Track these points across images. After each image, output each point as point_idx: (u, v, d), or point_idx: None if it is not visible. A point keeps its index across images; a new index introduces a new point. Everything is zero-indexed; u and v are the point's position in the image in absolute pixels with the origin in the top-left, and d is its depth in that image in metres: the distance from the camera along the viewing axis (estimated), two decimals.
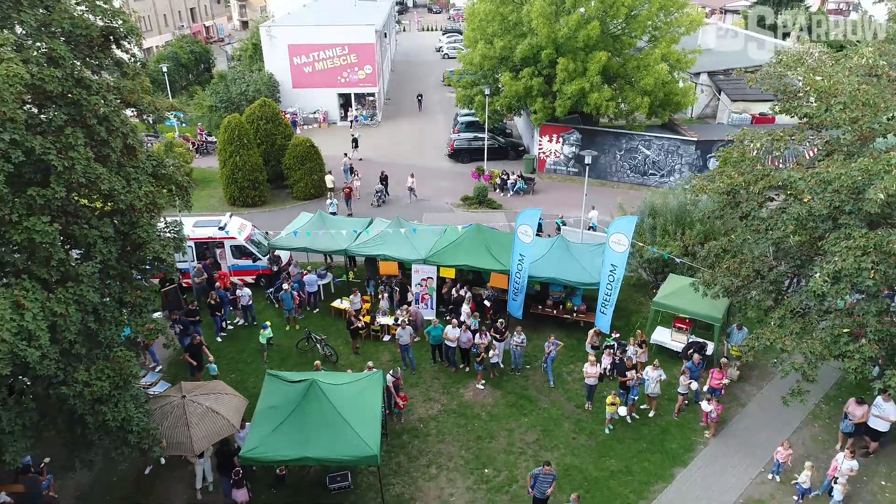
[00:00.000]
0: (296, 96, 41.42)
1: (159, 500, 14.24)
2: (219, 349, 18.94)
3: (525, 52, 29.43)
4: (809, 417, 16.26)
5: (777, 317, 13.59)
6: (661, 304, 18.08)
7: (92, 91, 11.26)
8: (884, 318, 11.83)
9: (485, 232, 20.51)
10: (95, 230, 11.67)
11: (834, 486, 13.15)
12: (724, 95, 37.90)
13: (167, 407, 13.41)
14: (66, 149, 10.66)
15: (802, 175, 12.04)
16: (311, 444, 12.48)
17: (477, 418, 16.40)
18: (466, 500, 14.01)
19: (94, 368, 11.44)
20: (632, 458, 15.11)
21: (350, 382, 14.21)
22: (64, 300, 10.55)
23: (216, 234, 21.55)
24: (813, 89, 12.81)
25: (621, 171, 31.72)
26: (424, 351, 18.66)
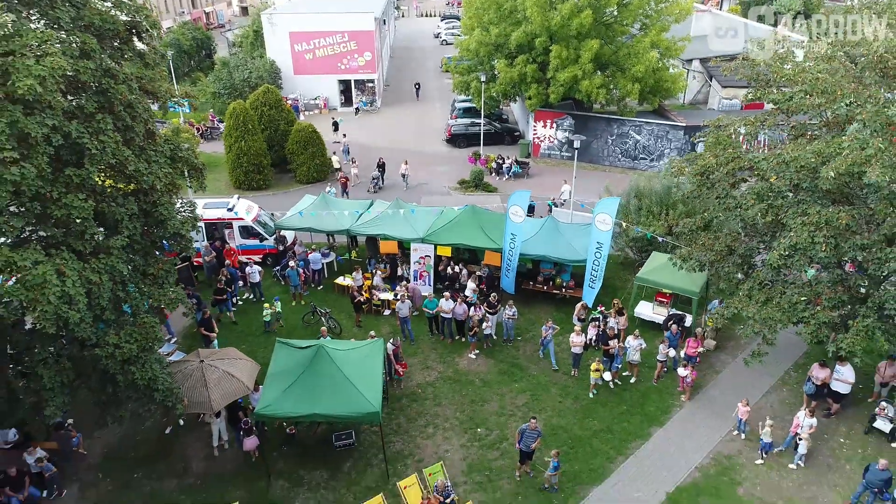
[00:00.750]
0: (297, 83, 42.32)
1: (180, 457, 15.55)
2: (229, 323, 20.19)
3: (520, 40, 30.37)
4: (778, 383, 17.58)
5: (746, 288, 14.84)
6: (644, 279, 19.32)
7: (118, 80, 12.38)
8: (838, 287, 13.06)
9: (479, 213, 21.69)
10: (122, 208, 12.87)
11: (798, 443, 14.47)
12: (714, 82, 38.86)
13: (187, 370, 14.68)
14: (97, 133, 11.81)
15: (766, 157, 13.21)
16: (319, 403, 13.75)
17: (471, 384, 17.70)
18: (460, 455, 15.34)
19: (122, 332, 12.68)
20: (613, 420, 16.42)
21: (354, 349, 15.48)
22: (97, 270, 11.76)
23: (225, 215, 22.72)
24: (779, 77, 13.93)
25: (613, 155, 32.82)
26: (422, 324, 19.92)
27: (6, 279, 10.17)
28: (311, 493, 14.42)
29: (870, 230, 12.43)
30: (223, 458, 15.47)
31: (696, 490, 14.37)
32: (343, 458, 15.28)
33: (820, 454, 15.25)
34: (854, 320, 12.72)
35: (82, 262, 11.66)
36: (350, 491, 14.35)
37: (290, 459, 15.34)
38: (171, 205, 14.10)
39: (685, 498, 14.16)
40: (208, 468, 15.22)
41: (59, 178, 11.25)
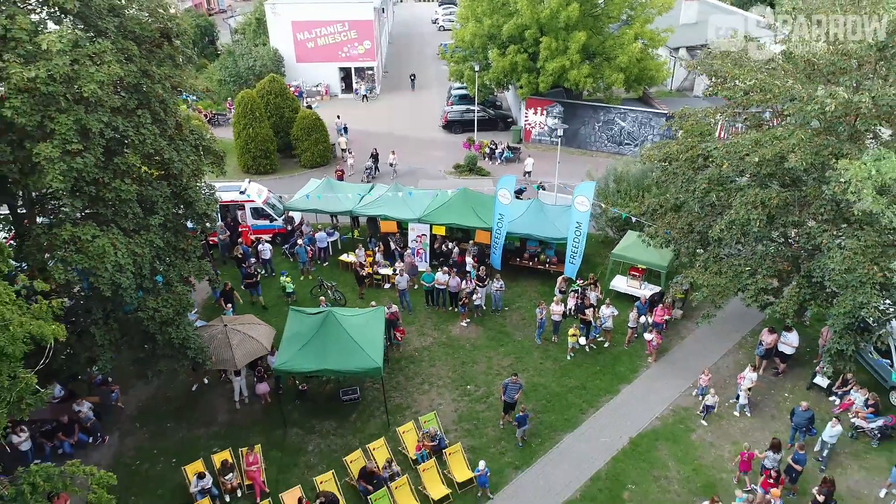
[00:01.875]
0: (299, 70, 43.99)
1: (205, 410, 17.73)
2: (244, 295, 22.22)
3: (511, 31, 32.08)
4: (735, 347, 19.75)
5: (702, 261, 16.93)
6: (619, 255, 21.41)
7: (154, 80, 14.30)
8: (776, 259, 15.16)
9: (471, 195, 23.69)
10: (157, 191, 14.88)
11: (739, 393, 16.68)
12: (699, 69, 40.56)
13: (213, 333, 16.81)
14: (138, 126, 13.78)
15: (717, 146, 15.22)
16: (329, 360, 15.89)
17: (462, 349, 19.86)
18: (452, 408, 17.53)
19: (160, 298, 14.78)
20: (587, 378, 18.60)
21: (358, 315, 17.59)
22: (140, 244, 13.82)
23: (238, 197, 24.69)
24: (730, 76, 15.84)
25: (599, 141, 34.72)
26: (420, 296, 22.01)
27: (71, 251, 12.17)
28: (322, 440, 16.62)
29: (801, 210, 14.47)
30: (244, 411, 17.65)
31: (655, 435, 16.59)
32: (349, 411, 17.47)
33: (766, 406, 17.47)
34: (788, 288, 14.83)
35: (127, 237, 13.71)
36: (356, 437, 16.55)
37: (303, 412, 17.52)
38: (198, 188, 16.11)
39: (645, 441, 16.39)
40: (231, 419, 17.41)
41: (108, 165, 13.24)
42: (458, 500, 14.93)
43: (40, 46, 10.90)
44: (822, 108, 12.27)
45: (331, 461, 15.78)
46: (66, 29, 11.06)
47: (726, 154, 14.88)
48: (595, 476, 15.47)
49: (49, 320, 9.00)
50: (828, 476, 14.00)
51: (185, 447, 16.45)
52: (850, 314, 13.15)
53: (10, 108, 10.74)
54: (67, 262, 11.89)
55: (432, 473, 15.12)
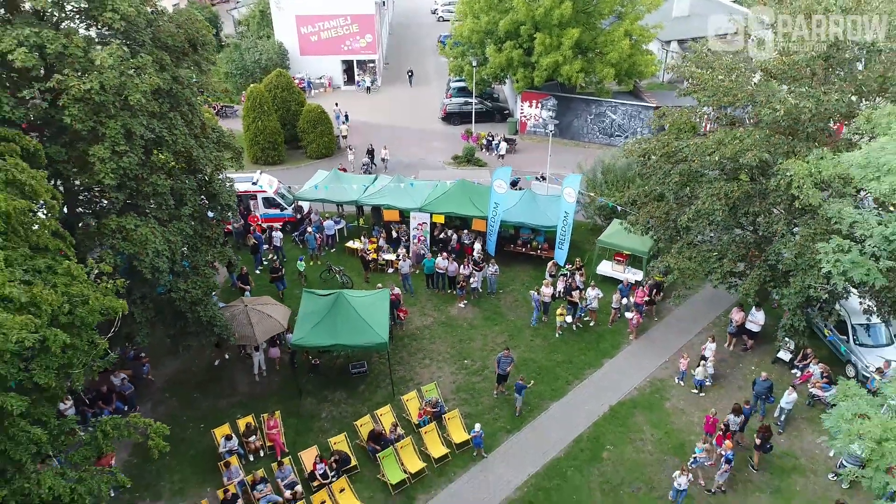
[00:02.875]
0: (303, 63, 45.43)
1: (228, 382, 19.60)
2: (257, 279, 24.04)
3: (507, 28, 33.57)
4: (710, 325, 21.60)
5: (676, 247, 18.71)
6: (605, 242, 23.19)
7: (184, 86, 15.99)
8: (740, 245, 16.96)
9: (468, 186, 25.42)
10: (186, 185, 16.62)
11: (705, 364, 18.55)
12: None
13: (235, 312, 18.63)
14: (170, 128, 15.50)
15: (688, 144, 16.94)
16: (340, 335, 17.71)
17: (460, 327, 21.70)
18: (451, 380, 19.42)
19: (189, 281, 16.58)
20: (573, 354, 20.47)
21: (365, 296, 19.40)
22: (173, 232, 15.59)
23: (250, 188, 26.40)
24: (699, 81, 17.52)
25: (591, 132, 36.35)
26: (421, 280, 23.81)
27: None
28: (334, 407, 18.52)
29: (762, 201, 16.22)
30: (263, 383, 19.52)
31: (633, 404, 18.49)
32: (358, 382, 19.34)
33: (734, 378, 19.36)
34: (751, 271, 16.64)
35: (162, 226, 15.48)
36: (364, 405, 18.44)
37: (316, 383, 19.39)
38: (221, 181, 17.85)
39: (624, 409, 18.29)
40: (252, 390, 19.29)
41: (146, 162, 14.97)
42: (456, 459, 16.85)
43: (93, 62, 12.57)
44: (773, 112, 13.98)
45: (342, 426, 17.67)
46: (115, 46, 12.70)
47: (695, 151, 16.62)
48: (578, 438, 17.39)
49: (114, 296, 10.79)
50: (764, 423, 16.04)
51: (211, 415, 18.31)
52: (801, 294, 14.96)
53: (69, 115, 12.45)
54: (116, 248, 13.65)
55: (433, 436, 17.02)
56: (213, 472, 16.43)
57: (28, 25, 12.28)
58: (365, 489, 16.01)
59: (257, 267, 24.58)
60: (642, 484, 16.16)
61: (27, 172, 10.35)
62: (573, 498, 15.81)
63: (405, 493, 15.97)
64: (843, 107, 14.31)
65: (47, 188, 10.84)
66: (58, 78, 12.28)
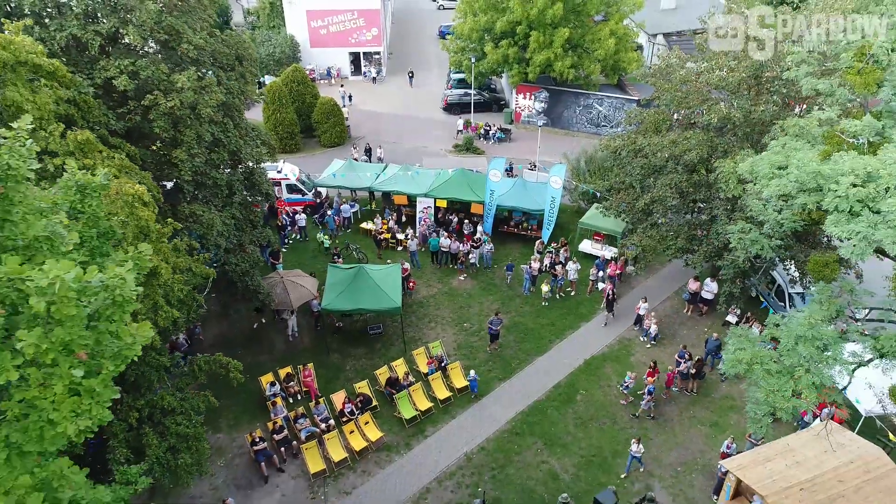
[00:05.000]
0: (313, 55, 48.59)
1: (266, 342, 23.38)
2: (284, 256, 27.72)
3: (503, 27, 36.79)
4: (673, 294, 25.38)
5: (641, 228, 22.39)
6: (585, 223, 26.86)
7: (234, 95, 19.49)
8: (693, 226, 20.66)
9: (467, 174, 29.02)
10: (235, 177, 20.20)
11: (651, 325, 22.35)
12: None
13: (272, 282, 22.34)
14: (225, 131, 19.04)
15: (649, 142, 20.52)
16: (361, 301, 21.43)
17: (460, 296, 25.46)
18: (452, 339, 23.23)
19: (238, 256, 20.25)
20: (556, 318, 24.26)
21: (381, 269, 23.11)
22: (227, 217, 19.22)
23: (275, 175, 29.93)
24: (663, 90, 21.01)
25: (580, 122, 39.78)
26: (427, 256, 27.50)
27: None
28: (356, 361, 22.35)
29: (707, 190, 19.87)
30: (296, 343, 23.31)
31: (604, 357, 22.34)
32: (375, 341, 23.16)
33: (689, 338, 23.16)
34: (699, 247, 20.38)
35: (219, 211, 19.11)
36: (381, 359, 22.25)
37: (340, 342, 23.20)
38: (261, 172, 21.43)
39: (596, 361, 22.14)
40: (287, 349, 23.09)
41: (208, 160, 18.55)
42: (458, 401, 20.73)
43: (174, 84, 16.07)
44: (710, 119, 17.54)
45: (364, 374, 21.52)
46: (191, 72, 16.19)
47: (653, 149, 20.22)
48: (557, 385, 21.25)
49: (204, 266, 14.48)
50: (699, 358, 20.15)
51: (255, 367, 22.03)
52: (734, 265, 18.68)
53: (157, 126, 16.00)
54: (191, 230, 17.29)
55: (438, 382, 20.87)
56: (261, 411, 20.30)
57: (125, 56, 15.77)
58: (384, 423, 19.90)
59: (283, 245, 28.24)
60: (607, 419, 20.06)
61: (136, 171, 13.95)
62: (551, 429, 19.70)
63: (417, 426, 19.86)
64: (768, 115, 17.83)
65: (151, 184, 14.43)
66: (149, 98, 15.79)
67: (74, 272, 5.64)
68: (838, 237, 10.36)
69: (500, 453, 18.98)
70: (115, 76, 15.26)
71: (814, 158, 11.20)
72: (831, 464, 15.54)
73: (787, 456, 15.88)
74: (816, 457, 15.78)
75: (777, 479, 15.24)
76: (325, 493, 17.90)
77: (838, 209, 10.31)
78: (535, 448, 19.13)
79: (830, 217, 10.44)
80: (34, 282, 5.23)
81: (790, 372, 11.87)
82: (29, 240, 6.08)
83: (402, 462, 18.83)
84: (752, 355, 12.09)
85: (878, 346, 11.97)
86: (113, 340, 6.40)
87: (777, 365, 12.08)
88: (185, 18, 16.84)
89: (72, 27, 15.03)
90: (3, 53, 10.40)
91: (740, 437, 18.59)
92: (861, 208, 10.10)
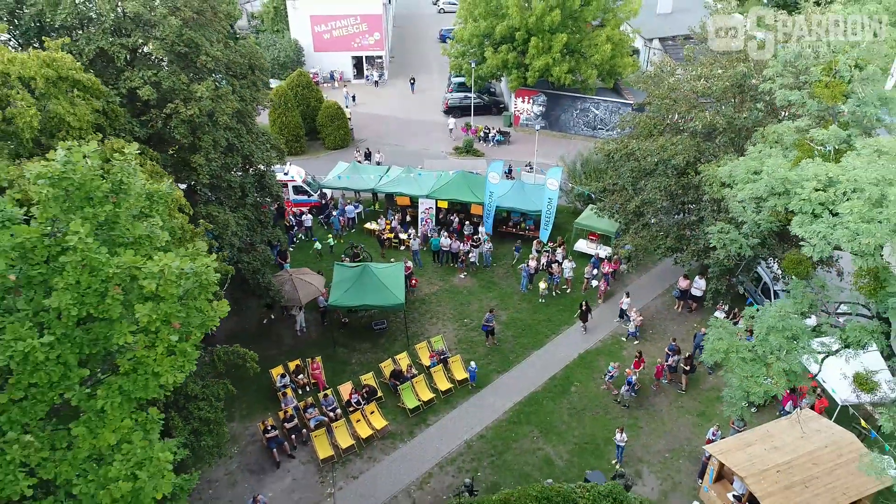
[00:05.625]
0: (317, 59, 49.70)
1: (276, 336, 24.49)
2: (291, 255, 28.83)
3: (503, 33, 37.90)
4: (664, 292, 26.49)
5: (633, 228, 23.50)
6: (580, 223, 27.97)
7: (247, 102, 20.62)
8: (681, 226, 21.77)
9: (467, 176, 30.13)
10: (247, 180, 21.32)
11: (630, 319, 23.46)
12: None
13: (282, 280, 23.45)
14: (239, 136, 20.15)
15: (640, 146, 21.64)
16: (367, 297, 22.54)
17: (460, 294, 26.58)
18: (453, 334, 24.34)
19: (249, 255, 21.36)
20: (553, 314, 25.37)
21: (385, 267, 24.23)
22: (240, 217, 20.34)
23: (282, 177, 31.03)
24: (654, 96, 22.13)
25: (577, 125, 40.89)
26: (428, 255, 28.61)
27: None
28: (362, 355, 23.46)
29: (694, 192, 20.99)
30: (303, 337, 24.43)
31: (598, 352, 23.45)
32: (379, 336, 24.27)
33: (679, 333, 24.25)
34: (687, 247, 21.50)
35: (233, 212, 20.23)
36: (385, 353, 23.36)
37: (346, 337, 24.31)
38: (272, 175, 22.55)
39: (590, 355, 23.26)
40: (295, 343, 24.21)
41: (223, 164, 19.66)
42: (458, 392, 21.84)
43: (193, 94, 17.18)
44: (695, 125, 18.66)
45: (369, 367, 22.63)
46: (209, 82, 17.31)
47: (643, 152, 21.34)
48: (552, 377, 22.37)
49: (224, 264, 15.59)
50: (690, 354, 21.15)
51: (266, 360, 22.99)
52: (720, 264, 19.79)
53: (178, 133, 17.11)
54: (207, 229, 18.39)
55: (440, 374, 21.99)
56: (271, 402, 21.42)
57: (148, 67, 16.89)
58: (389, 413, 21.01)
59: (290, 244, 29.35)
60: (600, 409, 21.17)
61: (166, 176, 15.06)
62: (547, 419, 20.82)
63: (419, 416, 20.97)
64: (751, 122, 18.92)
65: (174, 187, 15.53)
66: (170, 106, 16.91)
67: (178, 262, 7.65)
68: (802, 237, 11.46)
69: (498, 441, 20.10)
70: (139, 86, 16.38)
71: (783, 165, 12.32)
72: (807, 448, 16.67)
73: (767, 441, 17.00)
74: (793, 442, 16.91)
75: (756, 462, 16.37)
76: (334, 478, 19.01)
77: (803, 211, 11.43)
78: (532, 436, 20.24)
79: (796, 218, 11.56)
80: (147, 268, 6.73)
81: (763, 360, 12.98)
82: (134, 237, 7.81)
83: (405, 449, 19.94)
84: (729, 345, 13.21)
85: (844, 336, 13.09)
86: (198, 314, 8.43)
87: (751, 353, 13.20)
88: (203, 31, 17.95)
89: (99, 41, 16.15)
90: (48, 70, 11.51)
91: (725, 425, 19.70)
92: (822, 211, 11.22)
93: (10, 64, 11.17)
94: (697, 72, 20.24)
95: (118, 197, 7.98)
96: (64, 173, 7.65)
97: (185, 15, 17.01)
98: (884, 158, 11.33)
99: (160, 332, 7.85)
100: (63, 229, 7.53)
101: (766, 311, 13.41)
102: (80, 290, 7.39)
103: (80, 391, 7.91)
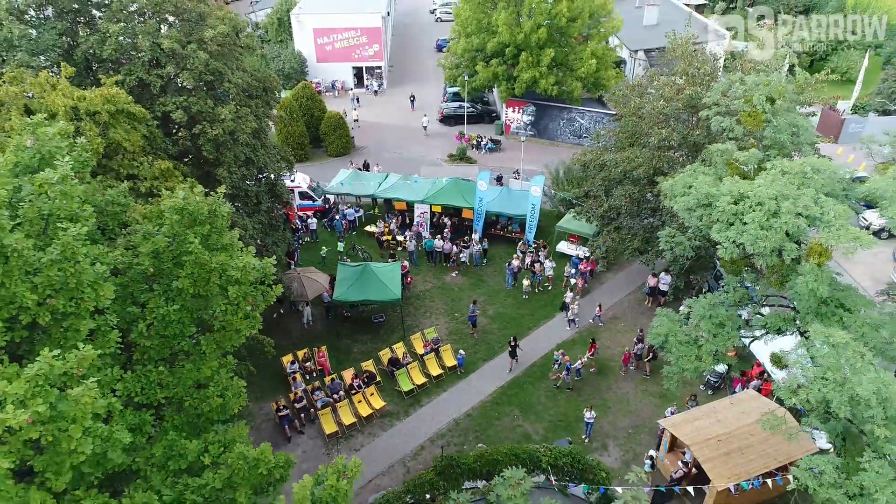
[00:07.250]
0: (320, 69, 52.47)
1: (285, 328, 27.21)
2: (298, 255, 31.55)
3: (493, 48, 40.63)
4: (636, 289, 29.26)
5: (606, 231, 26.25)
6: (562, 226, 30.74)
7: (262, 121, 23.34)
8: (647, 229, 24.55)
9: (459, 183, 32.91)
10: (261, 188, 24.05)
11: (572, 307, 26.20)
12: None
13: (291, 277, 26.19)
14: (254, 150, 22.88)
15: (613, 157, 24.39)
16: (368, 293, 25.28)
17: (452, 290, 29.33)
18: (445, 327, 27.09)
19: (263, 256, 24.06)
20: (535, 309, 28.13)
21: (384, 266, 26.98)
22: (255, 222, 23.07)
23: (289, 184, 33.75)
24: (623, 112, 24.87)
25: (564, 134, 43.65)
26: (423, 256, 31.34)
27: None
28: (363, 345, 26.22)
29: (654, 199, 23.74)
30: (311, 330, 27.17)
31: (573, 342, 26.20)
32: (378, 328, 27.02)
33: (646, 325, 26.94)
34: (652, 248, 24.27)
35: (249, 217, 22.95)
36: (384, 343, 26.09)
37: (348, 330, 27.05)
38: (282, 183, 25.27)
39: (566, 345, 25.99)
40: (302, 335, 26.94)
41: (242, 176, 22.39)
42: (448, 377, 24.60)
43: (218, 116, 19.90)
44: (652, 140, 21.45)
45: (369, 355, 25.36)
46: (232, 106, 20.06)
47: (613, 164, 24.10)
48: (533, 364, 25.12)
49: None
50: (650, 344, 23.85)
51: (276, 349, 25.82)
52: (677, 263, 22.54)
53: (205, 150, 19.85)
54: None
55: (432, 361, 24.74)
56: (282, 385, 24.16)
57: (178, 94, 19.62)
58: (387, 395, 23.75)
59: (298, 246, 32.07)
60: (573, 392, 23.92)
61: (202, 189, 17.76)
62: (527, 400, 23.57)
63: (414, 398, 23.72)
64: (702, 139, 21.67)
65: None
66: (198, 127, 19.64)
67: (255, 260, 12.00)
68: (718, 241, 14.18)
69: (482, 419, 22.85)
70: (172, 110, 19.11)
71: (708, 181, 15.07)
72: (745, 422, 19.40)
73: (711, 416, 19.75)
74: (735, 417, 19.65)
75: (701, 432, 19.11)
76: (339, 451, 21.74)
77: (720, 220, 14.17)
78: (512, 415, 22.99)
79: (715, 226, 14.29)
80: (234, 264, 9.87)
81: (695, 342, 15.74)
82: (223, 244, 11.50)
83: (401, 426, 22.68)
84: (668, 329, 15.97)
85: (765, 322, 15.86)
86: (262, 294, 12.43)
87: (686, 337, 15.95)
88: (225, 60, 20.68)
89: (139, 72, 18.88)
90: (109, 105, 14.24)
91: (682, 405, 22.44)
92: (735, 220, 13.95)
93: (80, 101, 13.86)
94: (661, 92, 22.99)
95: (212, 218, 11.14)
96: (184, 206, 11.72)
97: (211, 48, 19.74)
98: (786, 178, 14.07)
99: (241, 304, 11.94)
100: (180, 239, 11.61)
101: (699, 302, 16.16)
102: (193, 278, 11.29)
103: (189, 342, 11.83)
